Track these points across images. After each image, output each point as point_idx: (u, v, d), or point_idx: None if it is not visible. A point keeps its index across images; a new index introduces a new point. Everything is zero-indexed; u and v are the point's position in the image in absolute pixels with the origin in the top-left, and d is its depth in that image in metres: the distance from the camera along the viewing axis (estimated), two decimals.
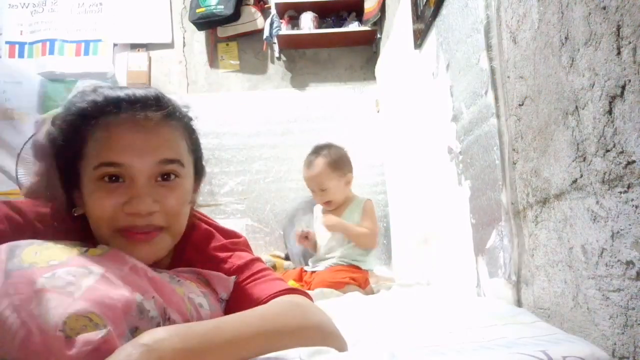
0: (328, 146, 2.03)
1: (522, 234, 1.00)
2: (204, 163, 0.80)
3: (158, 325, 0.56)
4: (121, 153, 0.64)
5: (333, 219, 1.92)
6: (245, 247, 0.84)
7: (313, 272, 1.95)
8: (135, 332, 0.53)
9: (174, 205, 0.68)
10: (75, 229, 0.70)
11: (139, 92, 0.69)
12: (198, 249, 0.78)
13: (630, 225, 0.65)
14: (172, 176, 0.68)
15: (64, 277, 0.53)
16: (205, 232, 0.81)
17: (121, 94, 0.68)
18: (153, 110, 0.68)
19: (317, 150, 2.02)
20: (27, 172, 2.77)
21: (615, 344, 0.69)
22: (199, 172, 0.78)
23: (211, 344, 0.52)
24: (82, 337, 0.47)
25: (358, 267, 1.92)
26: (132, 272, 0.60)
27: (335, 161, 1.97)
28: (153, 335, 0.49)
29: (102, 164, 0.64)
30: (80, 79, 3.13)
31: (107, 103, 0.66)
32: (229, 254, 0.79)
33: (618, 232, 0.67)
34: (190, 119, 0.77)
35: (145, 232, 0.66)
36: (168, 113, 0.70)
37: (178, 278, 0.68)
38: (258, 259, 0.80)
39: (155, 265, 0.71)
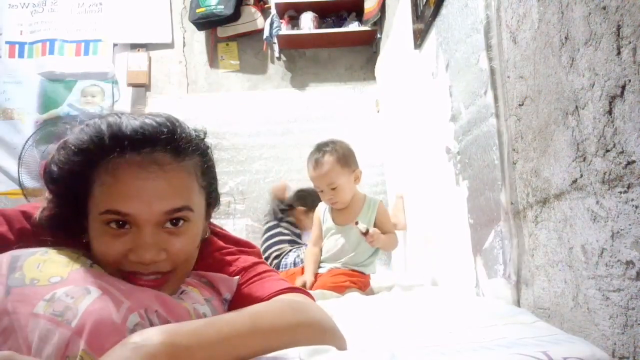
0: (332, 142, 1.92)
1: (521, 234, 1.00)
2: (218, 191, 0.76)
3: None
4: (127, 202, 0.61)
5: (381, 236, 1.80)
6: (257, 256, 0.82)
7: (316, 274, 1.92)
8: None
9: (181, 251, 0.66)
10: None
11: (149, 128, 0.64)
12: (202, 255, 0.77)
13: (630, 225, 0.64)
14: (181, 221, 0.65)
15: (63, 300, 0.53)
16: (209, 239, 0.80)
17: (129, 130, 0.63)
18: (163, 151, 0.64)
19: (322, 148, 1.89)
20: (29, 174, 2.77)
21: (615, 344, 0.69)
22: (211, 203, 0.75)
23: (202, 340, 0.52)
24: None
25: (361, 272, 1.89)
26: (137, 286, 0.61)
27: (344, 156, 1.88)
28: (142, 334, 0.49)
29: (108, 211, 0.62)
30: (80, 79, 3.13)
31: (115, 143, 0.62)
32: (235, 257, 0.79)
33: (618, 232, 0.67)
34: (206, 148, 0.72)
35: (152, 280, 0.65)
36: (179, 152, 0.65)
37: (182, 290, 0.68)
38: (264, 263, 0.80)
39: None
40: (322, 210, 2.00)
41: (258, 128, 3.09)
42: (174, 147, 0.65)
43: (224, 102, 3.15)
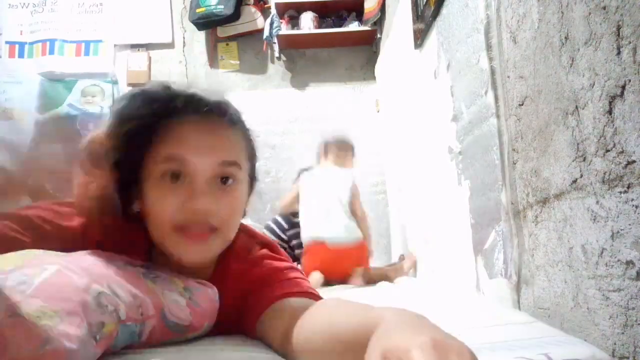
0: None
1: (522, 234, 1.00)
2: (256, 174, 0.82)
3: (119, 320, 0.54)
4: (185, 149, 0.66)
5: None
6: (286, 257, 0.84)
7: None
8: (103, 326, 0.50)
9: (230, 209, 0.70)
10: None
11: (207, 95, 0.71)
12: (239, 258, 0.78)
13: (630, 225, 0.64)
14: (230, 180, 0.70)
15: (18, 278, 0.50)
16: (246, 242, 0.81)
17: (190, 96, 0.69)
18: (219, 114, 0.70)
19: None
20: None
21: (615, 344, 0.69)
22: (252, 180, 0.80)
23: None
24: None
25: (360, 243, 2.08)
26: (100, 263, 0.58)
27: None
28: None
29: (167, 157, 0.66)
30: (80, 79, 3.13)
31: (176, 105, 0.68)
32: (271, 261, 0.79)
33: (618, 232, 0.67)
34: (251, 131, 0.79)
35: (201, 233, 0.67)
36: (231, 119, 0.72)
37: (153, 274, 0.67)
38: (298, 269, 0.81)
39: (197, 275, 0.72)
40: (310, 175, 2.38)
41: (258, 128, 3.06)
42: (228, 114, 0.71)
43: None
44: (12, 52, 3.15)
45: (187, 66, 3.24)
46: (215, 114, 0.70)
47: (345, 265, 2.05)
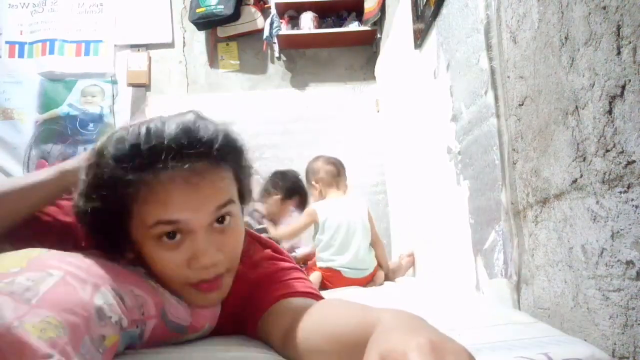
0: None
1: (522, 234, 1.00)
2: (251, 185, 0.77)
3: (121, 328, 0.54)
4: (176, 211, 0.62)
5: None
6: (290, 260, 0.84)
7: None
8: (104, 339, 0.51)
9: (235, 249, 0.68)
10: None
11: (181, 135, 0.63)
12: (243, 260, 0.77)
13: (630, 225, 0.64)
14: (227, 218, 0.67)
15: (23, 283, 0.50)
16: (249, 243, 0.80)
17: (163, 143, 0.61)
18: (200, 159, 0.63)
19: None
20: (24, 171, 2.77)
21: (615, 343, 0.69)
22: (244, 196, 0.75)
23: None
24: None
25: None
26: (99, 263, 0.58)
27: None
28: None
29: (158, 222, 0.62)
30: (80, 79, 3.13)
31: (151, 160, 0.61)
32: (273, 262, 0.80)
33: (618, 232, 0.67)
34: (243, 146, 0.73)
35: (214, 282, 0.66)
36: (217, 159, 0.66)
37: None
38: (300, 270, 0.81)
39: None
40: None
41: (258, 128, 3.09)
42: (210, 150, 0.64)
43: (224, 102, 3.15)
44: (12, 52, 3.15)
45: (187, 66, 3.24)
46: (196, 159, 0.63)
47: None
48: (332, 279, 2.06)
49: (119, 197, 0.62)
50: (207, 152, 0.64)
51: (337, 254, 2.09)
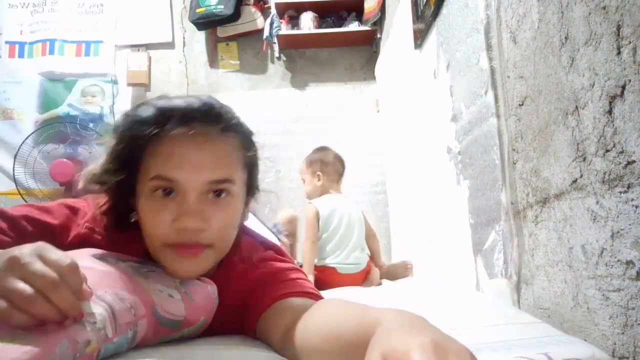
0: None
1: (522, 234, 1.00)
2: (259, 181, 0.79)
3: (106, 338, 0.53)
4: (175, 169, 0.65)
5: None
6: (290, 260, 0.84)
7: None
8: (88, 345, 0.50)
9: (223, 224, 0.68)
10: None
11: (197, 103, 0.69)
12: (244, 259, 0.78)
13: (630, 225, 0.64)
14: (224, 194, 0.68)
15: None
16: (251, 243, 0.82)
17: (179, 106, 0.67)
18: (211, 124, 0.68)
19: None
20: (30, 175, 2.77)
21: (615, 343, 0.69)
22: (251, 188, 0.77)
23: None
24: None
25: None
26: (87, 266, 0.58)
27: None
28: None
29: (156, 176, 0.65)
30: (80, 79, 3.13)
31: (165, 117, 0.66)
32: (274, 262, 0.80)
33: (618, 232, 0.67)
34: (251, 133, 0.77)
35: (192, 247, 0.66)
36: (225, 126, 0.70)
37: (147, 268, 0.67)
38: (300, 270, 0.81)
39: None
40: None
41: (258, 128, 3.03)
42: (221, 121, 0.69)
43: (224, 102, 3.14)
44: (12, 52, 3.15)
45: (187, 66, 3.24)
46: (206, 124, 0.67)
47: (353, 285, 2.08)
48: (327, 277, 2.06)
49: (134, 152, 0.66)
50: (220, 122, 0.69)
51: (335, 250, 2.10)
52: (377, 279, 2.14)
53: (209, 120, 0.68)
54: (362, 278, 2.11)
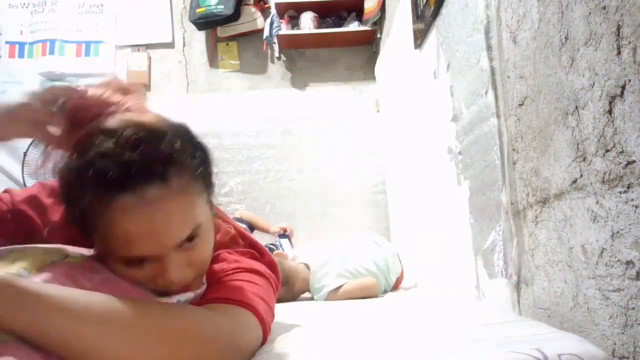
0: None
1: (522, 234, 1.00)
2: (213, 177, 0.72)
3: None
4: (138, 248, 0.60)
5: None
6: (268, 266, 0.83)
7: None
8: None
9: (205, 260, 0.68)
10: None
11: (134, 159, 0.58)
12: (219, 259, 0.79)
13: (630, 225, 0.64)
14: (197, 237, 0.64)
15: None
16: (230, 244, 0.82)
17: (115, 166, 0.57)
18: (155, 184, 0.59)
19: None
20: (30, 175, 2.77)
21: (615, 343, 0.69)
22: (210, 191, 0.71)
23: (37, 296, 0.50)
24: None
25: None
26: (101, 284, 0.60)
27: None
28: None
29: (122, 257, 0.61)
30: (80, 79, 3.13)
31: (104, 181, 0.57)
32: (239, 257, 0.80)
33: (618, 232, 0.67)
34: (197, 147, 0.68)
35: (181, 288, 0.67)
36: (174, 181, 0.60)
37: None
38: (258, 272, 0.79)
39: None
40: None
41: (258, 128, 3.09)
42: (166, 174, 0.60)
43: (224, 102, 3.15)
44: (12, 52, 3.15)
45: (187, 66, 3.24)
46: (151, 185, 0.58)
47: None
48: None
49: (86, 217, 0.61)
50: (165, 176, 0.59)
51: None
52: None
53: (152, 179, 0.59)
54: None
